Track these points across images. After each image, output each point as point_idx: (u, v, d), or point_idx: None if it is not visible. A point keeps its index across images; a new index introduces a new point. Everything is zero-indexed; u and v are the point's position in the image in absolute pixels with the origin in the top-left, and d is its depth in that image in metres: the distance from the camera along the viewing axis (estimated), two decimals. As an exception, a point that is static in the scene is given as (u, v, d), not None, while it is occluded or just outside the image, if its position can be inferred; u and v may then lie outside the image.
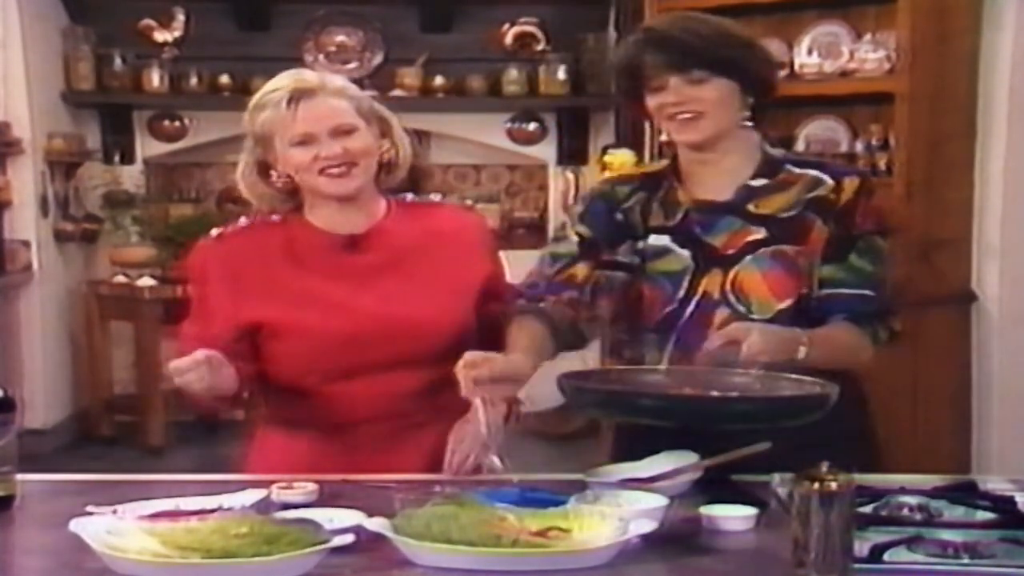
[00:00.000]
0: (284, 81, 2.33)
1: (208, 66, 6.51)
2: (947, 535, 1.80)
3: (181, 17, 6.41)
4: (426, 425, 2.33)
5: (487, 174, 6.77)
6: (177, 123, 6.67)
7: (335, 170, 2.29)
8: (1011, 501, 1.96)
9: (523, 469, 2.24)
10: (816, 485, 1.65)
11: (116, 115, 6.61)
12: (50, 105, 6.26)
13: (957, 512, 1.93)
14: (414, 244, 2.37)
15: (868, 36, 4.60)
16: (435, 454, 2.29)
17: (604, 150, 5.89)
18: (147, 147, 6.68)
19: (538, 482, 2.16)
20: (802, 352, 2.14)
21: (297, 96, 2.29)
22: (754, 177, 2.31)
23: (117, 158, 6.60)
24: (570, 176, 6.55)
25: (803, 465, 1.71)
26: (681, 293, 2.28)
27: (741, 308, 2.26)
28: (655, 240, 2.32)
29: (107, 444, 6.09)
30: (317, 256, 2.36)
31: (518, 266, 2.55)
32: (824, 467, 1.67)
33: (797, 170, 2.32)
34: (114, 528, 1.76)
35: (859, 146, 4.68)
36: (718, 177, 2.31)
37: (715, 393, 2.02)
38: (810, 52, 4.76)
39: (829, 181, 2.29)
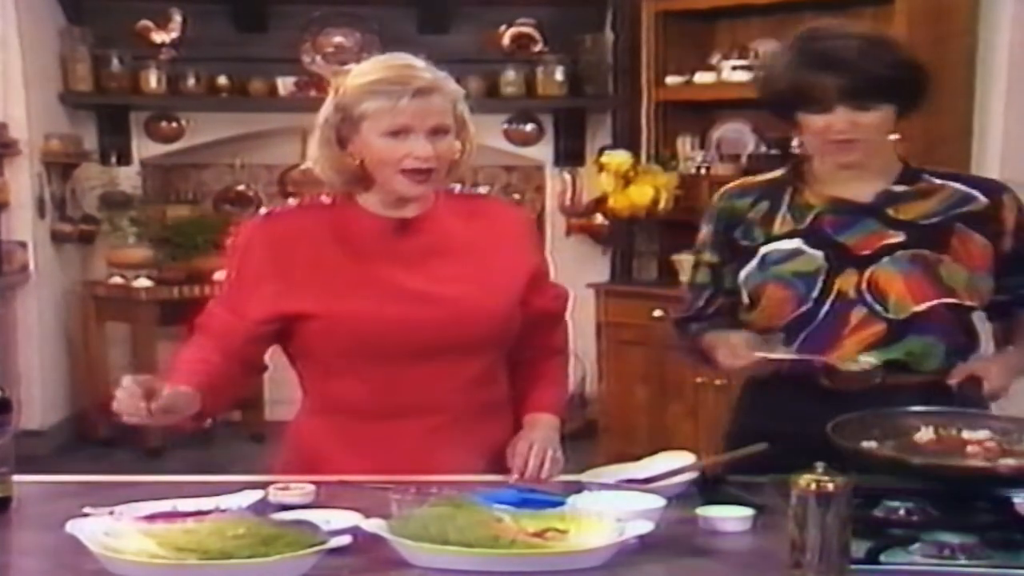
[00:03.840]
0: (401, 72, 2.23)
1: (206, 67, 6.48)
2: (944, 536, 1.80)
3: (178, 18, 6.39)
4: (469, 425, 2.27)
5: (484, 175, 6.75)
6: (174, 124, 6.64)
7: (420, 176, 2.23)
8: (1008, 502, 1.96)
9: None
10: (813, 486, 1.66)
11: (113, 116, 6.59)
12: (47, 106, 6.24)
13: (954, 513, 1.93)
14: (463, 231, 2.32)
15: (865, 37, 4.59)
16: (477, 457, 2.26)
17: (601, 151, 5.88)
18: (144, 148, 6.66)
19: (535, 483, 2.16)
20: None
21: (414, 94, 2.21)
22: (896, 183, 2.32)
23: (114, 159, 6.58)
24: (567, 177, 6.53)
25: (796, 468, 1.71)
26: (815, 292, 2.27)
27: (878, 307, 2.25)
28: (785, 244, 2.30)
29: (104, 445, 6.06)
30: (368, 239, 2.29)
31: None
32: (820, 468, 1.68)
33: (937, 180, 2.33)
34: (111, 529, 1.76)
35: (856, 147, 4.68)
36: (858, 181, 2.31)
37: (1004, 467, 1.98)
38: (807, 53, 4.75)
39: (982, 198, 2.31)
